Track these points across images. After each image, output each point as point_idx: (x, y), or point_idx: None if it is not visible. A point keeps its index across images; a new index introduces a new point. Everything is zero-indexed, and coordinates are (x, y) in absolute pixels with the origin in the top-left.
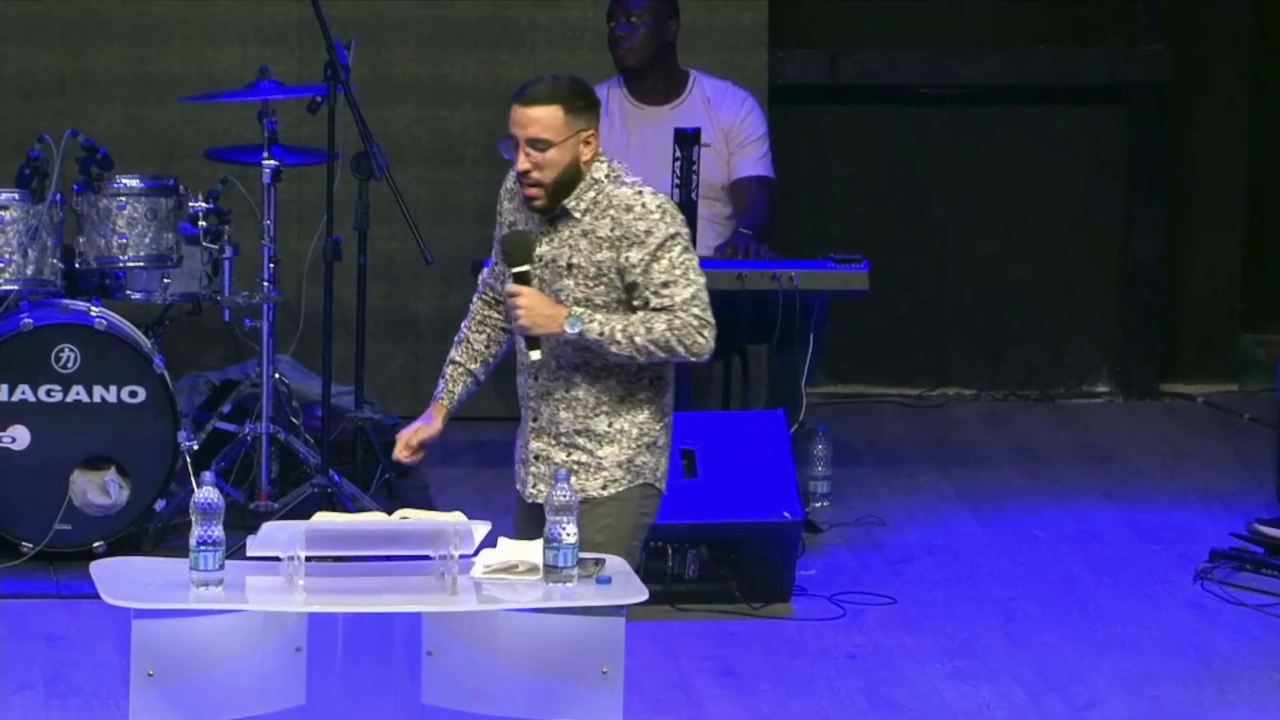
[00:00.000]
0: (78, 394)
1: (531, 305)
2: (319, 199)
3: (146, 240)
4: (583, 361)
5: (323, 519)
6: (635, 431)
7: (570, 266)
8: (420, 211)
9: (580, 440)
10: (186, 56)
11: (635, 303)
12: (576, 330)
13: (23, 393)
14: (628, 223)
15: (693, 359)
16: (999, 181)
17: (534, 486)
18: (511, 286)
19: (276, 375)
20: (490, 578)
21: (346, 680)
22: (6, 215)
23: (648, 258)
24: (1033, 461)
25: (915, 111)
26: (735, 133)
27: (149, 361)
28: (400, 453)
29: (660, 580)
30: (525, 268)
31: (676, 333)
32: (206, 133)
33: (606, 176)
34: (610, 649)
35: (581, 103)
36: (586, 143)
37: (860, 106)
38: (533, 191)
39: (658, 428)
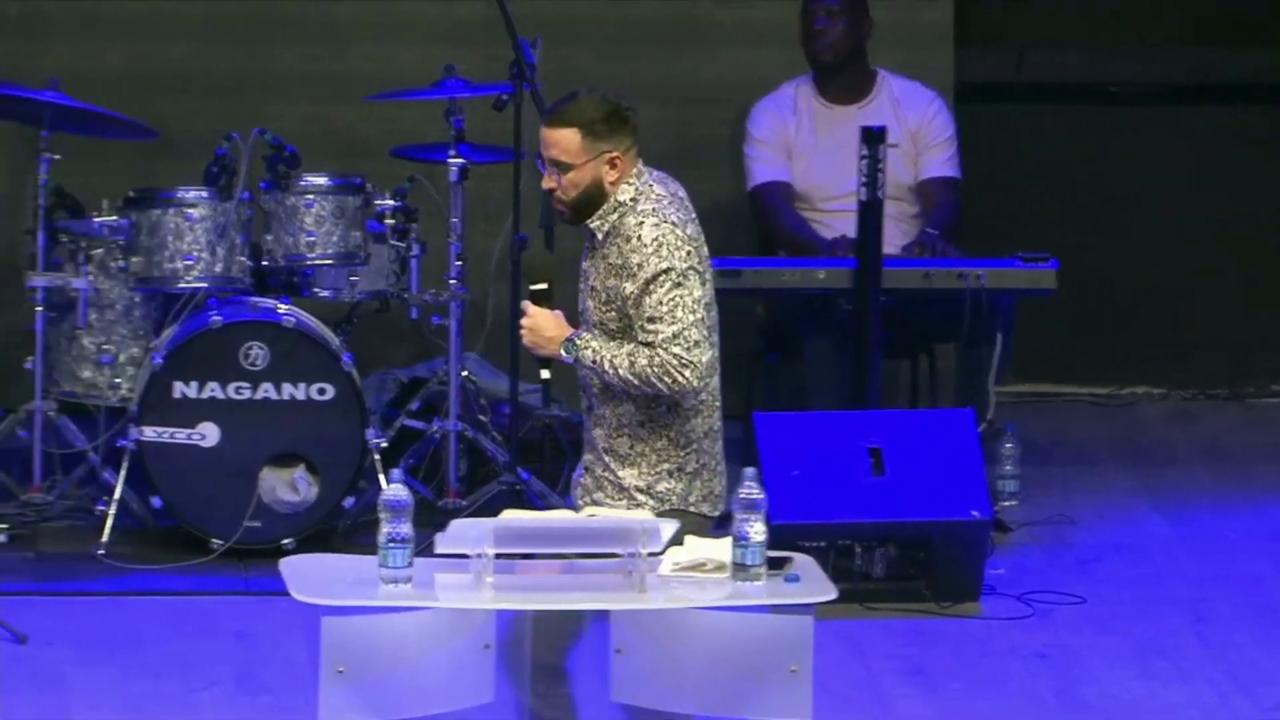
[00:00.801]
0: (266, 391)
1: (535, 325)
2: (505, 197)
3: (334, 238)
4: (602, 384)
5: (511, 516)
6: (654, 457)
7: (593, 289)
8: None
9: (607, 458)
10: (372, 55)
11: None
12: (571, 356)
13: (212, 390)
14: (626, 254)
15: (674, 394)
16: (1188, 180)
17: (581, 497)
18: (525, 304)
19: (464, 373)
20: (679, 575)
21: (535, 677)
22: (195, 213)
23: (637, 291)
24: (1222, 461)
25: (1102, 110)
26: (923, 133)
27: (337, 359)
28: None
29: (849, 579)
30: (542, 286)
31: (656, 370)
32: (392, 131)
33: (630, 200)
34: (799, 647)
35: (604, 126)
36: (612, 165)
37: (1046, 105)
38: (559, 208)
39: (680, 454)
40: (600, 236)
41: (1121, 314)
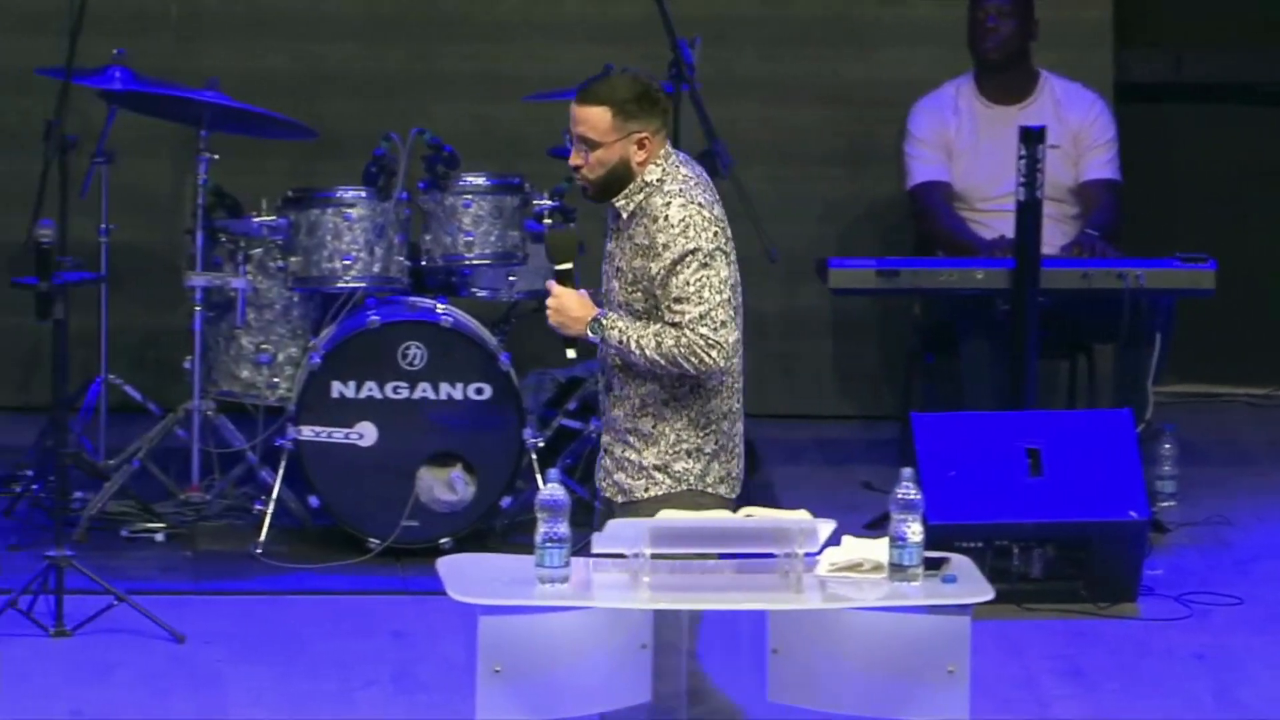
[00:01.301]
0: (424, 391)
1: (561, 306)
2: None
3: (492, 238)
4: (625, 363)
5: (668, 516)
6: (673, 437)
7: (618, 270)
8: (763, 209)
9: (630, 438)
10: (531, 55)
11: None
12: (598, 336)
13: (369, 390)
14: (652, 234)
15: (702, 375)
16: None
17: (602, 480)
18: (550, 284)
19: None
20: (835, 576)
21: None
22: (353, 213)
23: (664, 272)
24: None
25: (1262, 110)
26: (1084, 135)
27: (494, 359)
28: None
29: (1006, 579)
30: (567, 266)
31: (683, 350)
32: (551, 131)
33: (658, 180)
34: (956, 648)
35: (635, 106)
36: (640, 145)
37: (1205, 105)
38: (584, 186)
39: (699, 435)
40: (625, 216)
41: None
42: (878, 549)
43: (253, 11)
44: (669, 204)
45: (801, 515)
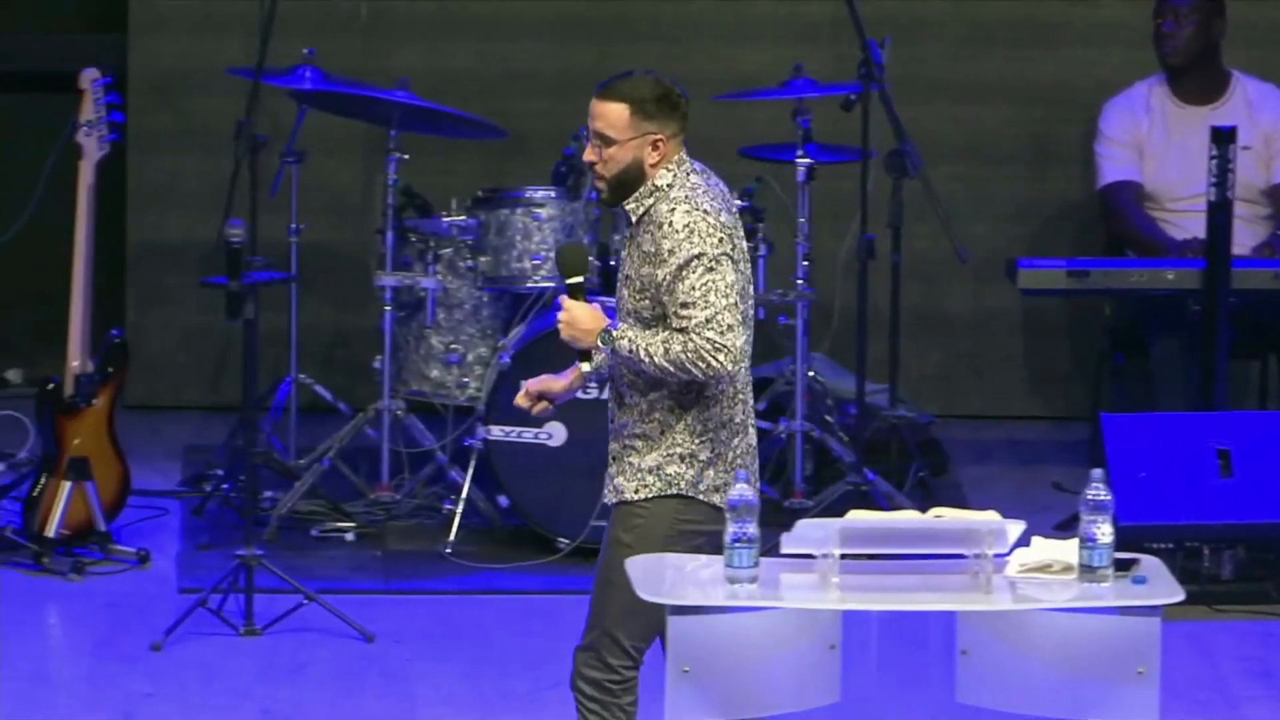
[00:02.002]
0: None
1: (573, 319)
2: (853, 197)
3: None
4: (635, 374)
5: (857, 517)
6: (669, 440)
7: (627, 277)
8: (953, 210)
9: (637, 443)
10: (719, 55)
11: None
12: (609, 347)
13: None
14: (658, 240)
15: (711, 380)
16: None
17: (606, 486)
18: (562, 298)
19: (811, 373)
20: (1025, 577)
21: (881, 678)
22: (543, 213)
23: (670, 277)
24: None
25: None
26: (1276, 136)
27: None
28: (520, 399)
29: (1196, 581)
30: (578, 279)
31: (690, 355)
32: (740, 131)
33: (667, 186)
34: (1146, 649)
35: (654, 106)
36: (655, 146)
37: None
38: (598, 185)
39: (694, 441)
40: (634, 220)
41: None
42: (1067, 550)
43: (442, 11)
44: (674, 210)
45: (991, 516)
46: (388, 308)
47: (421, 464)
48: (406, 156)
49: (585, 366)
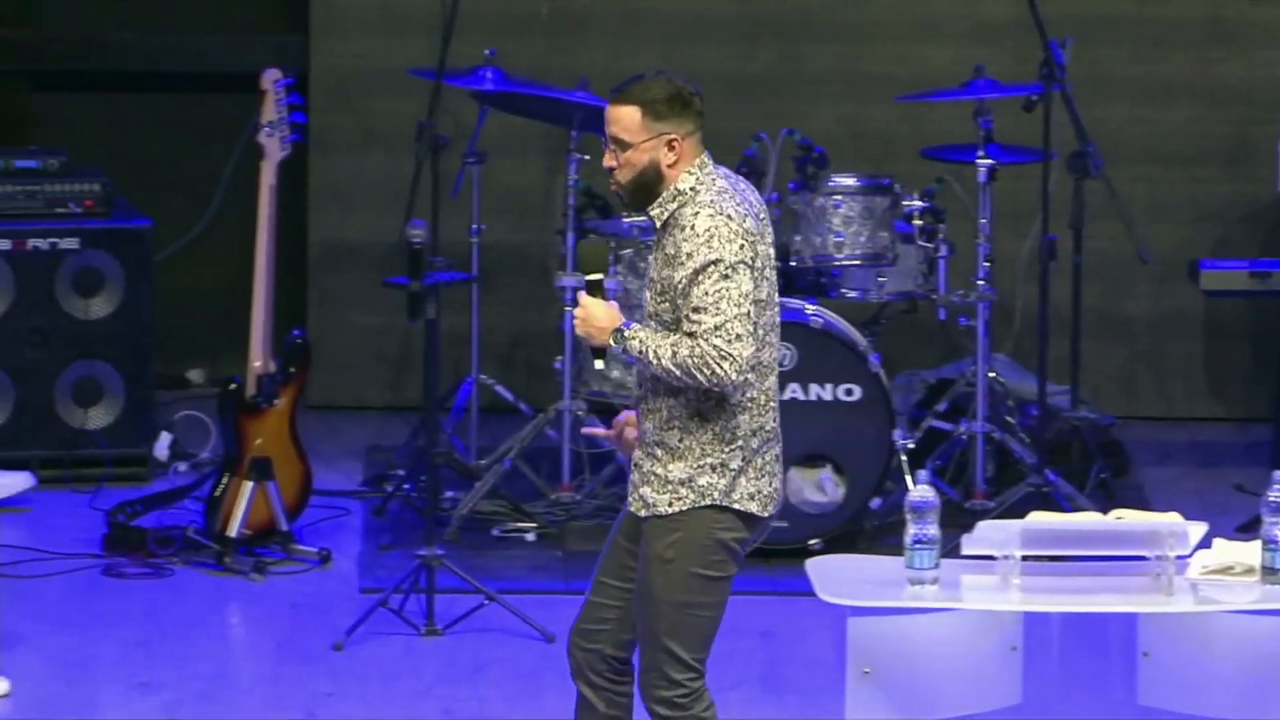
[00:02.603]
0: (793, 392)
1: (588, 315)
2: (1034, 198)
3: (862, 239)
4: (651, 376)
5: (1038, 518)
6: (698, 450)
7: (651, 280)
8: (1135, 211)
9: (658, 451)
10: (901, 55)
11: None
12: (620, 346)
13: None
14: (679, 243)
15: (714, 388)
16: None
17: (630, 494)
18: (580, 294)
19: (992, 374)
20: (1206, 579)
21: (1062, 680)
22: None
23: (685, 281)
24: None
25: None
26: None
27: (864, 360)
28: (608, 433)
29: None
30: (597, 276)
31: (695, 360)
32: (921, 132)
33: (691, 190)
34: None
35: (665, 106)
36: (670, 147)
37: None
38: (616, 189)
39: (725, 450)
40: (659, 225)
41: None
42: (1249, 552)
43: (624, 12)
44: (697, 214)
45: (1173, 518)
46: (568, 308)
47: (602, 464)
48: (587, 157)
49: (599, 363)
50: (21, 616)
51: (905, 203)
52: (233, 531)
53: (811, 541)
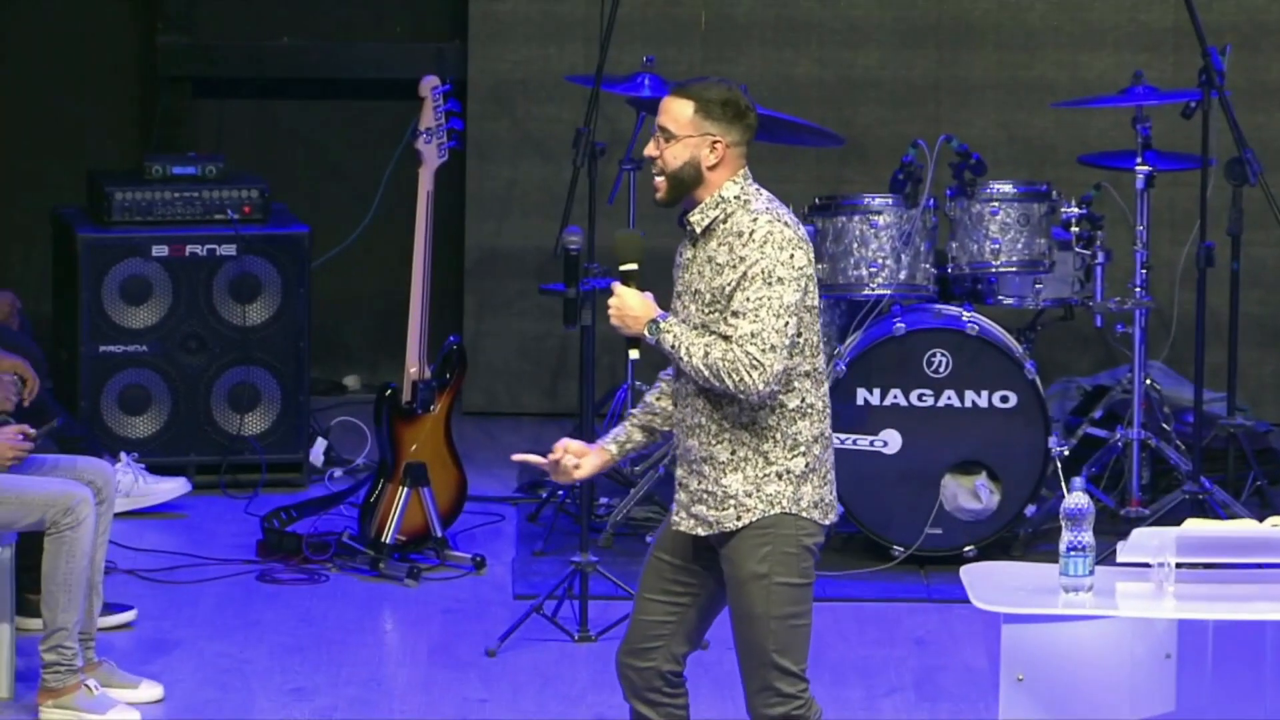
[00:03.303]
0: (949, 398)
1: (623, 305)
2: (1192, 205)
3: (1019, 246)
4: (703, 390)
5: (1194, 526)
6: (760, 461)
7: (696, 292)
8: None
9: (705, 468)
10: (1060, 62)
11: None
12: (654, 337)
13: (894, 397)
14: (736, 248)
15: (740, 394)
16: None
17: (677, 514)
18: (614, 284)
19: (1148, 381)
20: None
21: (1217, 688)
22: (880, 220)
23: (733, 283)
24: None
25: None
26: None
27: (1020, 367)
28: (551, 460)
29: None
30: (632, 266)
31: (727, 364)
32: (1079, 138)
33: (736, 198)
34: None
35: (719, 109)
36: (712, 148)
37: None
38: (657, 181)
39: (789, 456)
40: (699, 231)
41: None
42: None
43: (782, 19)
44: (756, 220)
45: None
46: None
47: None
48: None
49: (634, 354)
50: (176, 622)
51: (1063, 209)
52: (387, 537)
53: (966, 548)
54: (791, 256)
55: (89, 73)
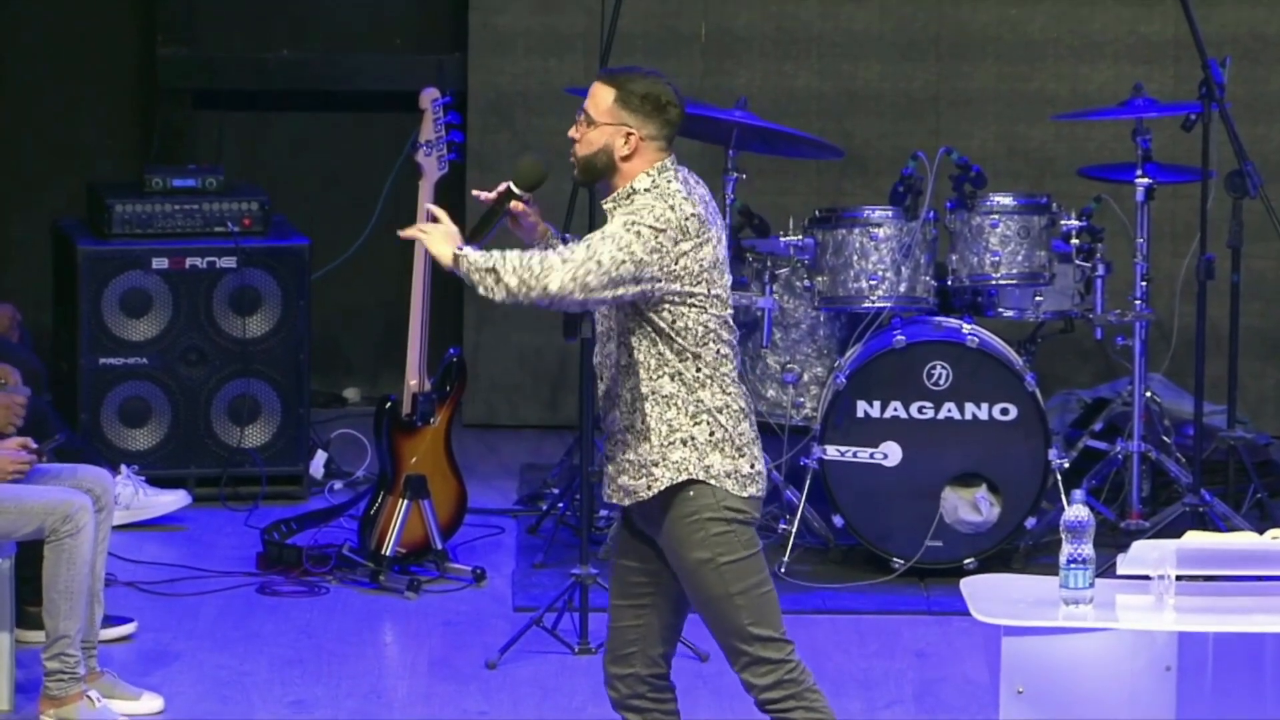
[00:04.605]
0: (949, 411)
1: (427, 227)
2: (1192, 217)
3: (1019, 258)
4: (616, 362)
5: (1194, 538)
6: (664, 429)
7: None
8: None
9: (627, 437)
10: (1060, 74)
11: None
12: (464, 269)
13: (894, 409)
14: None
15: (505, 291)
16: None
17: (607, 486)
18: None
19: (1148, 394)
20: None
21: (1217, 700)
22: (880, 233)
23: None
24: None
25: None
26: None
27: (1020, 379)
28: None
29: None
30: (512, 188)
31: (521, 263)
32: (1079, 151)
33: (646, 190)
34: None
35: (639, 102)
36: (627, 140)
37: None
38: (572, 159)
39: (691, 423)
40: (610, 219)
41: None
42: None
43: (782, 31)
44: (649, 191)
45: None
46: None
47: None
48: (744, 176)
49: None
50: (176, 634)
51: (1063, 222)
52: (387, 550)
53: (966, 561)
54: (652, 225)
55: (89, 85)
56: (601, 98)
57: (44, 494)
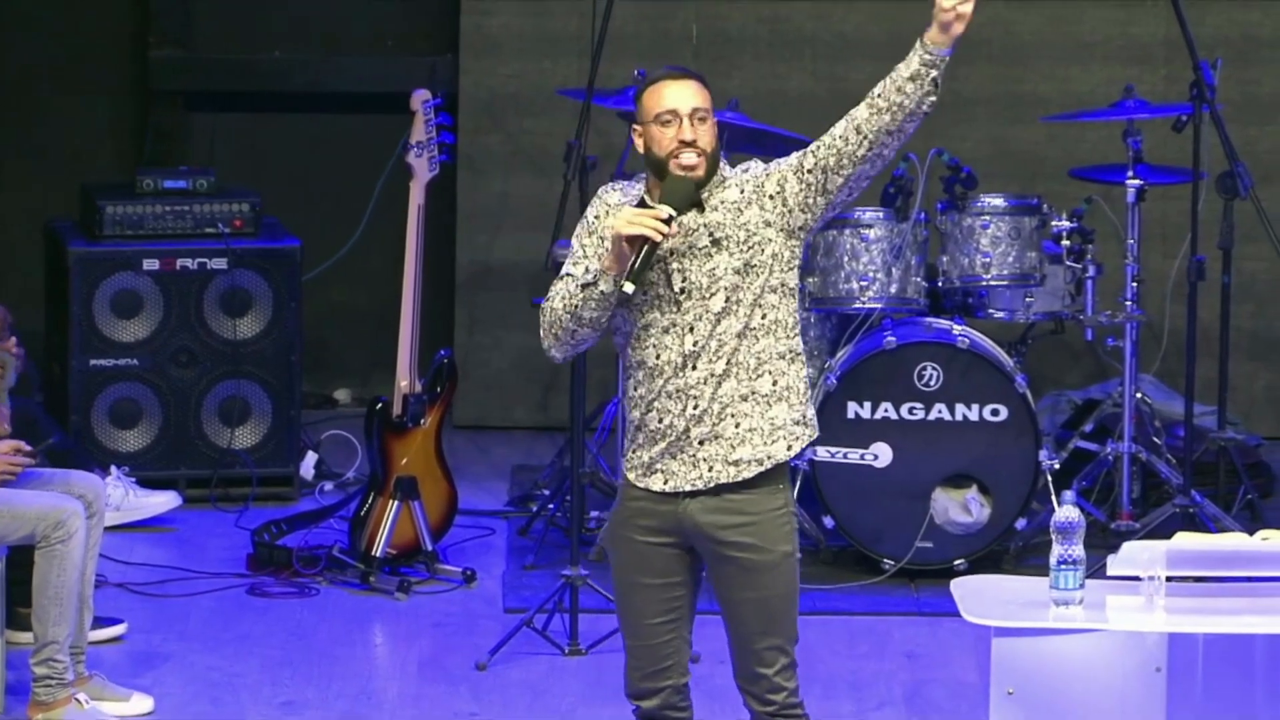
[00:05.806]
0: (939, 412)
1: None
2: (1183, 218)
3: (1010, 259)
4: (740, 330)
5: (1184, 539)
6: (803, 386)
7: (715, 247)
8: None
9: (747, 405)
10: (1051, 76)
11: None
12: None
13: (885, 410)
14: (749, 180)
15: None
16: None
17: (692, 470)
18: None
19: (1139, 395)
20: None
21: (1207, 701)
22: (871, 234)
23: (789, 171)
24: None
25: None
26: None
27: (1011, 380)
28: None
29: None
30: (669, 212)
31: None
32: (1070, 152)
33: (723, 168)
34: None
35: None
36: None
37: None
38: (697, 160)
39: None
40: (706, 209)
41: None
42: None
43: (775, 33)
44: (747, 167)
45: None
46: None
47: None
48: None
49: (629, 287)
50: (167, 636)
51: (1054, 223)
52: (378, 551)
53: (956, 562)
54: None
55: (81, 86)
56: (704, 93)
57: (37, 500)
